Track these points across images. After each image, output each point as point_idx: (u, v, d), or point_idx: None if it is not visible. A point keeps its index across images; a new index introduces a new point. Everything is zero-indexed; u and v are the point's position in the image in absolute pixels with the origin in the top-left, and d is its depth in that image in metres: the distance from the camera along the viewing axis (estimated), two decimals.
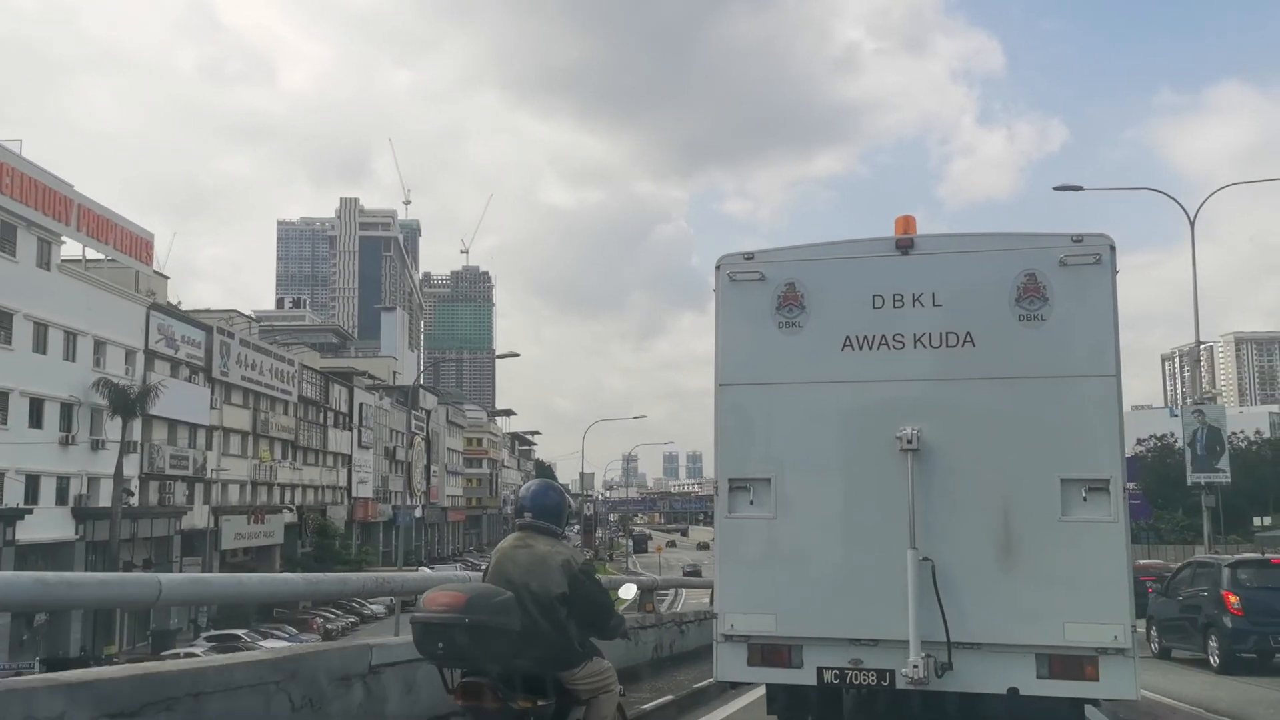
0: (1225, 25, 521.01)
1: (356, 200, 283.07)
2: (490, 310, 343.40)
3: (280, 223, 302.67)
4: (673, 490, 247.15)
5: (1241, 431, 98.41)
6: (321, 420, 70.30)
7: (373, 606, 59.82)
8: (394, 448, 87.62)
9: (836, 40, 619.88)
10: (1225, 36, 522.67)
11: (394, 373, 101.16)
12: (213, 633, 44.87)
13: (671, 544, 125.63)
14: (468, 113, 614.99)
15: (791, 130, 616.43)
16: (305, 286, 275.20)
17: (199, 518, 49.99)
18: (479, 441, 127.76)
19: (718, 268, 6.84)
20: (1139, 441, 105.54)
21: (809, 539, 6.47)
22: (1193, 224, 29.20)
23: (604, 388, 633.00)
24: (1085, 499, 6.02)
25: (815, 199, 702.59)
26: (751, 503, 6.53)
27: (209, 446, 52.15)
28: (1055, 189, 29.80)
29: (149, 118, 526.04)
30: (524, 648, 4.09)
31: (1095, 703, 6.76)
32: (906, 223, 6.67)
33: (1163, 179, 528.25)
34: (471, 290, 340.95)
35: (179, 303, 52.77)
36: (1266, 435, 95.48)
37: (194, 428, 50.33)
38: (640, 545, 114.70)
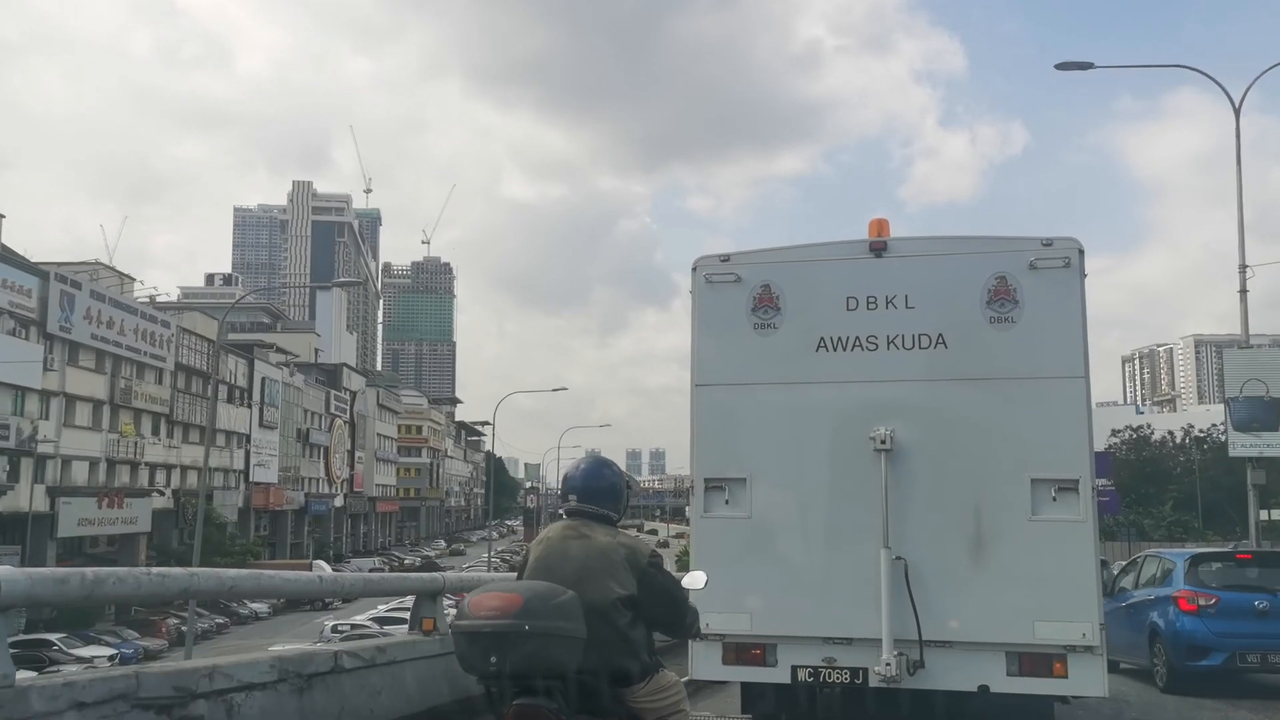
0: (1181, 32, 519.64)
1: (309, 184, 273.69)
2: (451, 302, 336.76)
3: (237, 209, 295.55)
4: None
5: (1220, 424, 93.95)
6: (210, 393, 62.09)
7: (254, 605, 52.27)
8: (307, 429, 79.46)
9: (799, 38, 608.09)
10: (1182, 43, 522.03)
11: (315, 350, 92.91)
12: (20, 638, 36.91)
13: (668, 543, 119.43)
14: (428, 103, 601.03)
15: (754, 128, 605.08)
16: (261, 274, 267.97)
17: (26, 498, 41.82)
18: (418, 429, 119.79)
19: (694, 269, 6.88)
20: (1114, 432, 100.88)
21: (784, 538, 6.45)
22: (1238, 112, 23.00)
23: (565, 383, 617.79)
24: (1055, 499, 6.09)
25: (779, 197, 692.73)
26: (727, 502, 6.50)
27: (43, 414, 44.01)
28: (1058, 67, 23.28)
29: (102, 101, 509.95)
30: (586, 659, 3.31)
31: (1064, 700, 6.61)
32: (880, 225, 6.70)
33: (1123, 184, 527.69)
34: (432, 281, 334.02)
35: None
36: None
37: (20, 390, 42.14)
38: None
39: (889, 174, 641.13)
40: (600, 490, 3.79)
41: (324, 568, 59.69)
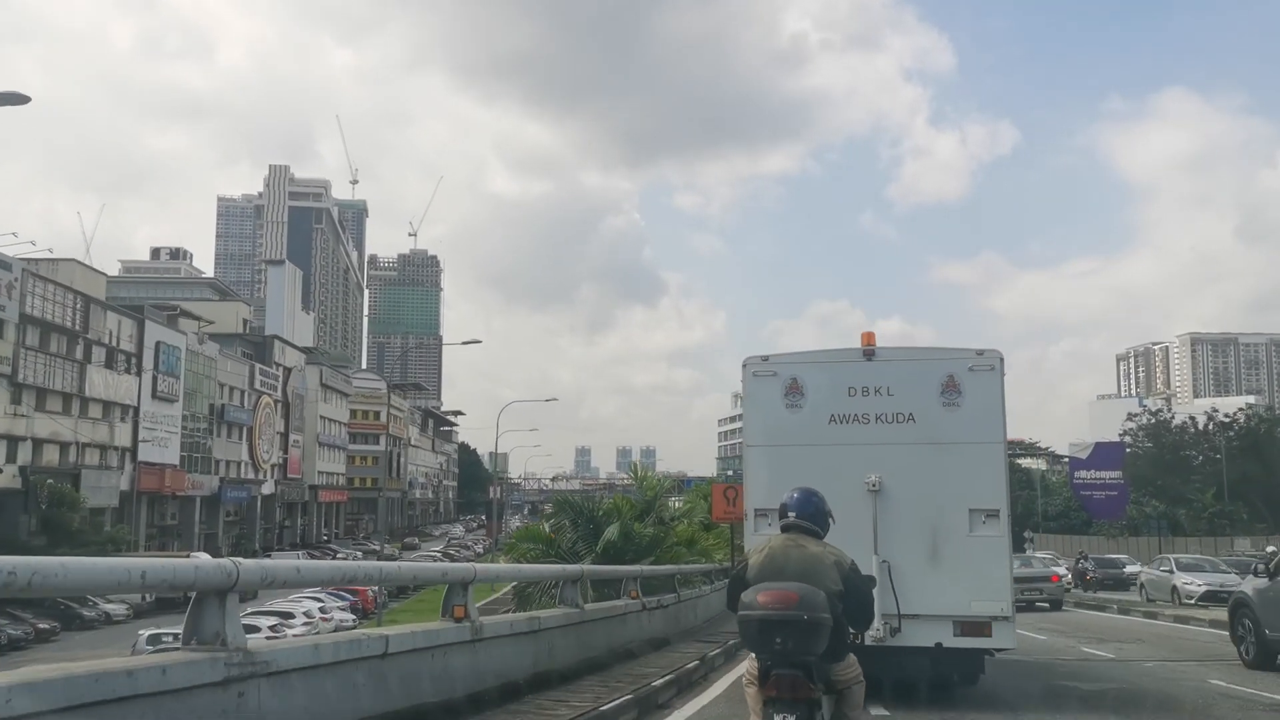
0: (1168, 33, 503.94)
1: (286, 168, 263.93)
2: (438, 295, 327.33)
3: (221, 199, 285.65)
4: (618, 484, 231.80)
5: (1238, 411, 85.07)
6: (80, 356, 52.65)
7: (106, 606, 42.79)
8: (222, 405, 69.91)
9: (784, 32, 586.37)
10: (1168, 44, 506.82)
11: (244, 320, 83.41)
12: None
13: None
14: (412, 97, 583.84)
15: (741, 125, 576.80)
16: (246, 265, 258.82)
17: None
18: (375, 414, 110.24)
19: (744, 366, 10.41)
20: (1130, 417, 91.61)
21: None
22: None
23: (551, 380, 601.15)
24: (984, 522, 9.60)
25: (766, 195, 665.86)
26: (770, 525, 8.85)
27: None
28: None
29: (82, 91, 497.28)
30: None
31: (990, 653, 9.98)
32: (869, 338, 10.18)
33: (1111, 185, 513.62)
34: (419, 274, 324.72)
35: None
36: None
37: None
38: None
39: (877, 174, 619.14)
40: (810, 513, 5.30)
41: (204, 557, 50.43)
